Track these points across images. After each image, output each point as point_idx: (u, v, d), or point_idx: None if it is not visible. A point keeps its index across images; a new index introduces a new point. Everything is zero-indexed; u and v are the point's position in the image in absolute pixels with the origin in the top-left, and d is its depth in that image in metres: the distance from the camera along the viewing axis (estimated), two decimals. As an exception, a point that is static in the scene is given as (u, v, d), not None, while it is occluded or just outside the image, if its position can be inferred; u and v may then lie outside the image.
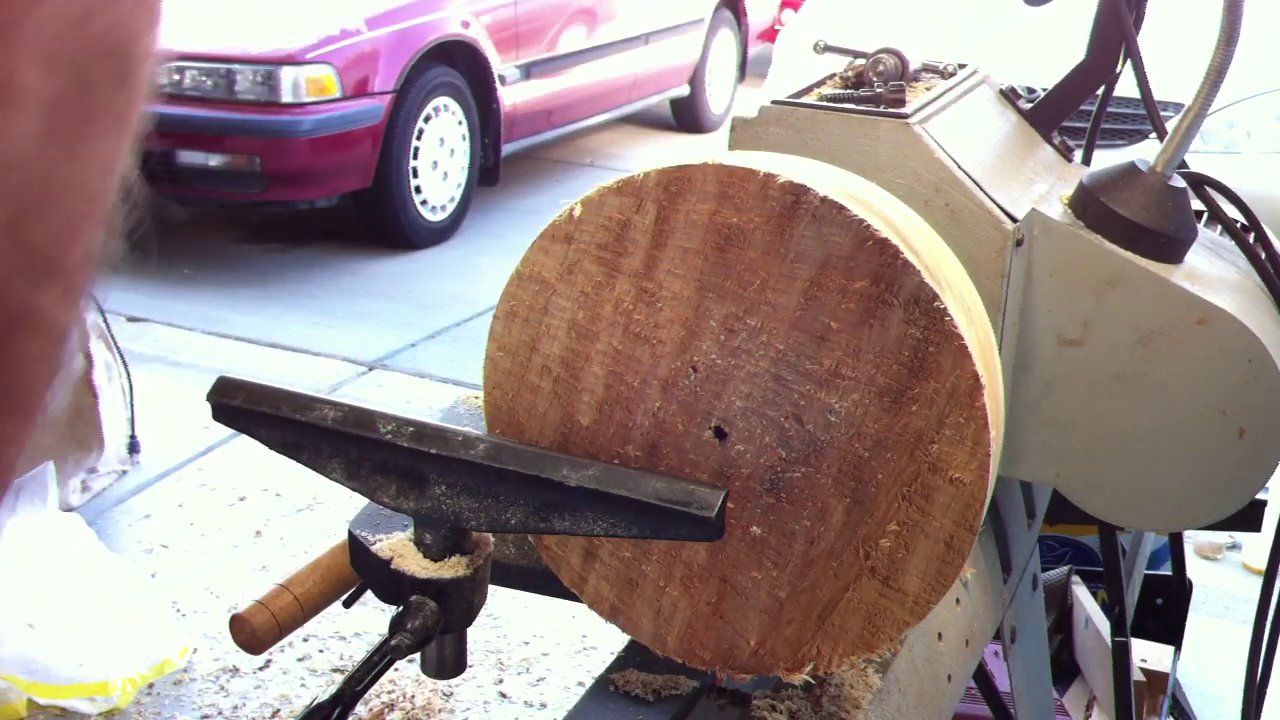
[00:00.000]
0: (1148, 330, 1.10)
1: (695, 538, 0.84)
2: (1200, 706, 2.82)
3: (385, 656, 0.85)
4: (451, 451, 0.86)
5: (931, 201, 1.08)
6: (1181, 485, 1.12)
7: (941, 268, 0.89)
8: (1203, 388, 1.10)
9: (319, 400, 0.91)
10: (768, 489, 0.88)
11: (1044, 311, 1.13)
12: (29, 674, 2.77)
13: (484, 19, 6.17)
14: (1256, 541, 3.46)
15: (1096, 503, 1.16)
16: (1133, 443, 1.12)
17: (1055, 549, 2.44)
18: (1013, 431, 1.13)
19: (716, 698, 1.04)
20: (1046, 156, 1.24)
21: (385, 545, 0.89)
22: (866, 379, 0.85)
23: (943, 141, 1.09)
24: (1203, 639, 3.02)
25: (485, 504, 0.87)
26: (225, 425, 0.93)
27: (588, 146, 7.86)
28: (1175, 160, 1.14)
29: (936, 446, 0.84)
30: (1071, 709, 2.24)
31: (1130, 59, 1.21)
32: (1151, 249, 1.11)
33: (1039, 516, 1.43)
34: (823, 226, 0.84)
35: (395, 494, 0.89)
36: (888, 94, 1.13)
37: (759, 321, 0.86)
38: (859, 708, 1.01)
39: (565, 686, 3.03)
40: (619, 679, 1.06)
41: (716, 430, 0.89)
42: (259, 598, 1.05)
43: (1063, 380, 1.13)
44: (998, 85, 1.27)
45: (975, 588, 1.23)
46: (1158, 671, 2.28)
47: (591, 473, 0.84)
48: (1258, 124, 5.35)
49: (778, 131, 1.13)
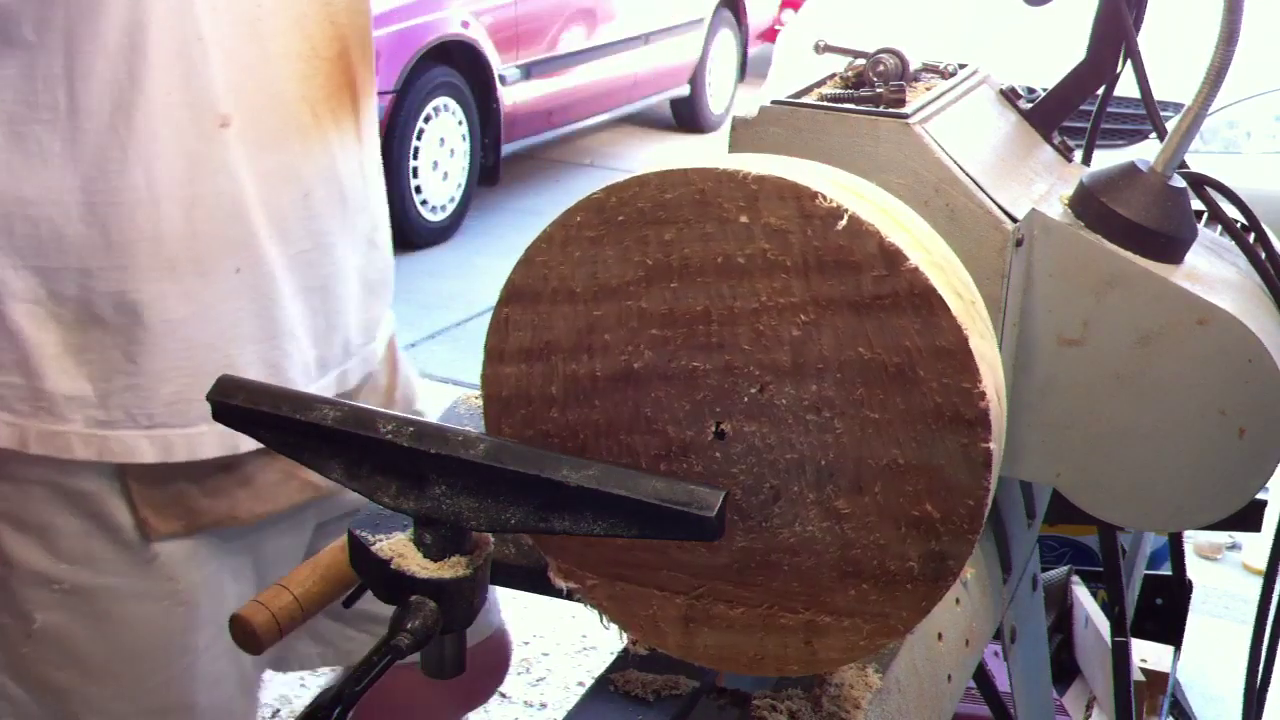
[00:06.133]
0: (1148, 330, 1.10)
1: (695, 537, 0.83)
2: (1200, 706, 2.82)
3: (385, 656, 0.85)
4: (451, 451, 0.86)
5: (931, 201, 1.08)
6: (1181, 485, 1.12)
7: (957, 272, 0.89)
8: (1203, 388, 1.10)
9: (319, 400, 0.91)
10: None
11: (1044, 311, 1.13)
12: (29, 674, 2.76)
13: (484, 19, 6.18)
14: (1256, 541, 3.46)
15: (1096, 503, 1.15)
16: (1133, 443, 1.12)
17: (1055, 549, 2.44)
18: (1013, 431, 1.13)
19: (716, 698, 1.04)
20: (1046, 156, 1.24)
21: (385, 545, 0.89)
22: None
23: (943, 141, 1.09)
24: (1203, 639, 3.02)
25: (485, 504, 0.87)
26: (225, 425, 0.93)
27: (588, 146, 7.86)
28: (1175, 160, 1.14)
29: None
30: (1071, 709, 2.24)
31: (1130, 59, 1.21)
32: (1151, 249, 1.11)
33: (1039, 516, 1.43)
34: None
35: (395, 494, 0.89)
36: (888, 94, 1.13)
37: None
38: (859, 708, 1.01)
39: (565, 686, 3.03)
40: (619, 679, 1.06)
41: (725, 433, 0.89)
42: (258, 597, 1.05)
43: (1063, 380, 1.13)
44: (998, 85, 1.27)
45: (975, 588, 1.23)
46: (1158, 671, 2.28)
47: (591, 473, 0.84)
48: (1258, 124, 5.35)
49: (778, 131, 1.13)
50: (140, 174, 1.30)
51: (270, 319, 1.42)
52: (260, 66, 1.36)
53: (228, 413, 0.92)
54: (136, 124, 1.29)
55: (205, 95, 1.32)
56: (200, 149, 1.33)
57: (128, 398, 1.36)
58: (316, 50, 1.41)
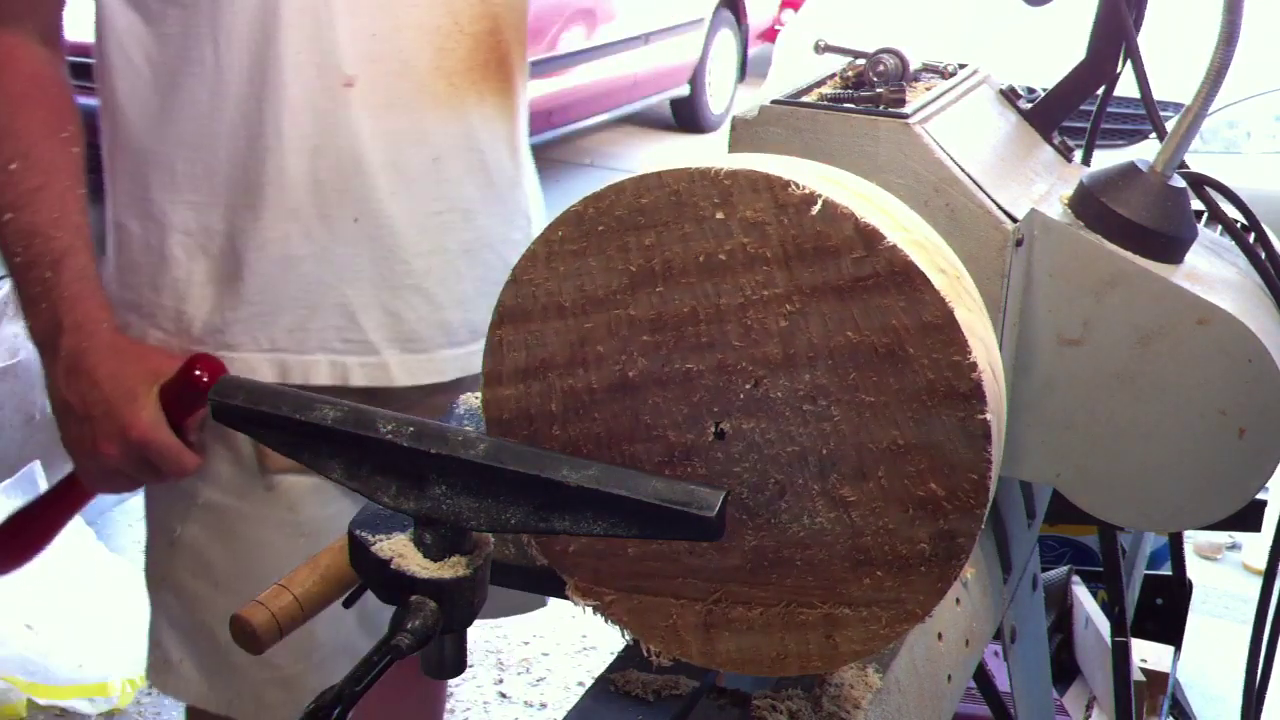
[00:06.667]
0: (1148, 330, 1.10)
1: (696, 537, 0.84)
2: (1200, 706, 2.82)
3: (385, 656, 0.85)
4: (451, 451, 0.86)
5: (931, 201, 1.08)
6: (1181, 485, 1.12)
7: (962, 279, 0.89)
8: (1203, 388, 1.10)
9: (319, 400, 0.91)
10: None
11: (1044, 311, 1.13)
12: (28, 674, 2.77)
13: (484, 19, 6.16)
14: (1256, 541, 3.46)
15: (1096, 503, 1.16)
16: (1133, 443, 1.12)
17: (1055, 549, 2.44)
18: (1013, 431, 1.13)
19: (716, 698, 1.05)
20: (1046, 156, 1.24)
21: (385, 545, 0.89)
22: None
23: (943, 141, 1.09)
24: (1203, 639, 3.02)
25: (485, 504, 0.87)
26: (225, 424, 0.93)
27: (588, 146, 7.86)
28: (1175, 160, 1.14)
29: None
30: (1071, 709, 2.24)
31: (1130, 59, 1.21)
32: (1151, 249, 1.11)
33: (1039, 516, 1.44)
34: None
35: (395, 494, 0.89)
36: (888, 94, 1.13)
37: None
38: (859, 708, 1.01)
39: (565, 686, 3.03)
40: (619, 679, 1.06)
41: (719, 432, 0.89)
42: (258, 597, 1.05)
43: (1063, 380, 1.14)
44: (998, 85, 1.28)
45: (975, 588, 1.23)
46: (1158, 671, 2.28)
47: (591, 473, 0.84)
48: (1258, 124, 5.35)
49: (778, 131, 1.13)
50: (271, 124, 1.45)
51: (389, 269, 1.52)
52: (391, 35, 1.47)
53: (228, 412, 0.92)
54: (269, 79, 1.44)
55: (331, 57, 1.45)
56: (324, 105, 1.45)
57: (254, 324, 1.51)
58: (460, 25, 1.51)
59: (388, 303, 1.53)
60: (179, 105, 1.47)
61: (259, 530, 1.56)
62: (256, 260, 1.49)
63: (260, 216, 1.48)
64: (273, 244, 1.48)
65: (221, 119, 1.46)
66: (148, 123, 1.49)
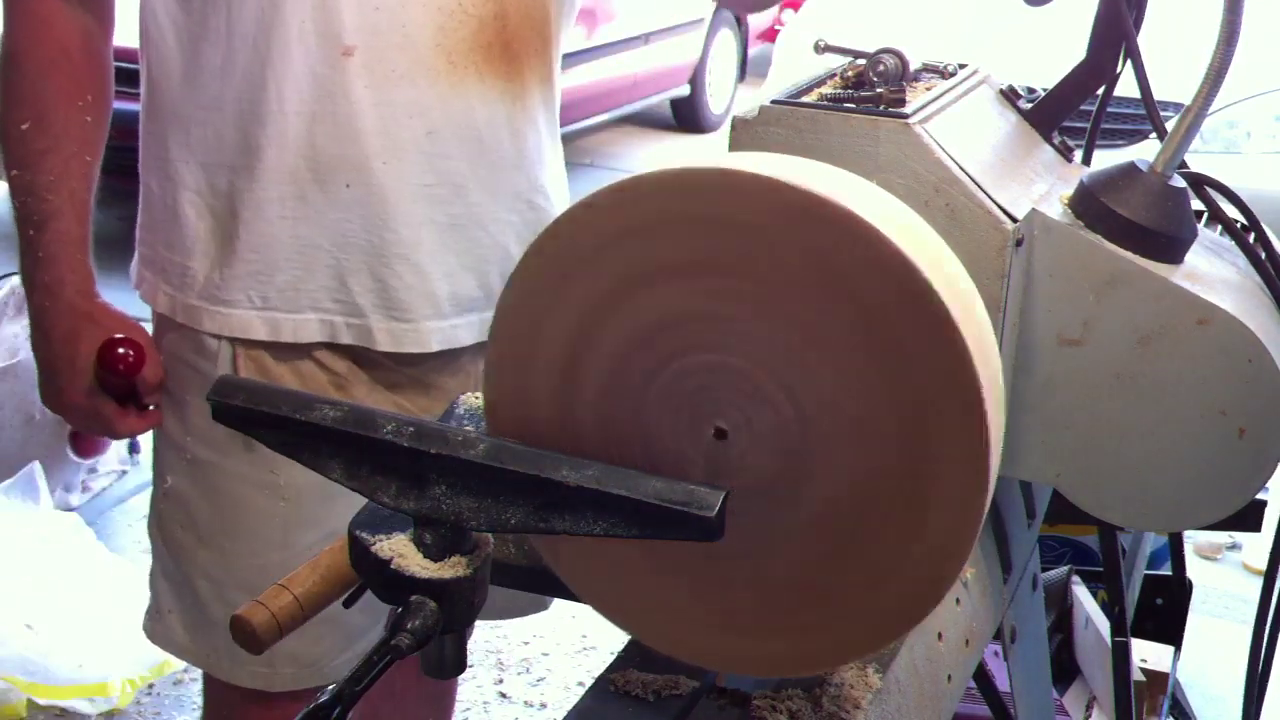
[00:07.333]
0: (1148, 330, 1.10)
1: (695, 537, 0.84)
2: (1200, 706, 2.82)
3: (385, 656, 0.85)
4: (451, 451, 0.86)
5: (931, 201, 1.08)
6: (1181, 485, 1.12)
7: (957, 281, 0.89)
8: (1203, 388, 1.10)
9: (319, 400, 0.91)
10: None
11: (1044, 311, 1.13)
12: (28, 674, 2.76)
13: (484, 19, 6.16)
14: (1256, 541, 3.46)
15: (1096, 503, 1.16)
16: (1133, 443, 1.12)
17: (1055, 549, 2.44)
18: (1013, 431, 1.13)
19: (716, 698, 1.05)
20: (1046, 156, 1.24)
21: (385, 545, 0.89)
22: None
23: (943, 141, 1.09)
24: (1203, 639, 3.02)
25: (485, 504, 0.87)
26: (226, 425, 0.94)
27: (588, 146, 7.86)
28: (1175, 160, 1.14)
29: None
30: (1071, 709, 2.24)
31: (1130, 59, 1.21)
32: (1151, 249, 1.11)
33: (1039, 516, 1.43)
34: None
35: (395, 494, 0.89)
36: (888, 94, 1.13)
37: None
38: (859, 708, 1.01)
39: (565, 686, 3.03)
40: (619, 679, 1.06)
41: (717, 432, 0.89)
42: (258, 597, 1.05)
43: (1063, 380, 1.13)
44: (998, 85, 1.27)
45: (975, 588, 1.23)
46: (1158, 671, 2.28)
47: (591, 473, 0.84)
48: (1258, 124, 5.35)
49: (778, 131, 1.13)
50: (273, 89, 1.51)
51: (379, 236, 1.56)
52: (396, 9, 1.51)
53: (228, 412, 0.92)
54: (274, 45, 1.50)
55: (332, 26, 1.50)
56: (324, 72, 1.51)
57: (248, 281, 1.56)
58: (464, 6, 1.54)
59: (376, 269, 1.57)
60: (197, 70, 1.54)
61: (239, 487, 1.62)
62: (253, 219, 1.55)
63: (258, 178, 1.53)
64: (268, 205, 1.54)
65: (230, 83, 1.52)
66: (171, 86, 1.56)
